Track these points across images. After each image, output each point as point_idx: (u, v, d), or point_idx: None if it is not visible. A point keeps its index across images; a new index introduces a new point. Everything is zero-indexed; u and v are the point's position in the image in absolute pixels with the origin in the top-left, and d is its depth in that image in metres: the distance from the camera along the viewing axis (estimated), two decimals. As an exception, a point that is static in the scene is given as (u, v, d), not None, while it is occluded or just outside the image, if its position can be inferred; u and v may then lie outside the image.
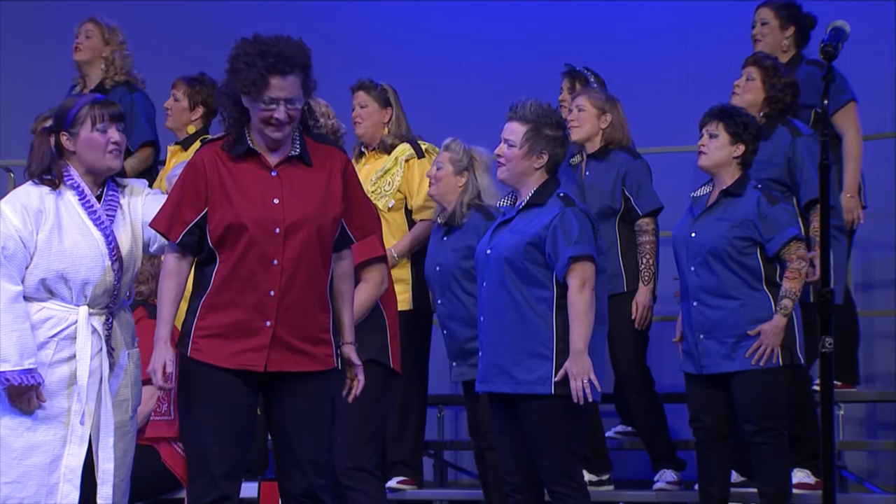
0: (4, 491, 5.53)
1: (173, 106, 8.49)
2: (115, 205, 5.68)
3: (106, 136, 5.64)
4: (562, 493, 6.19)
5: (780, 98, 7.40)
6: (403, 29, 9.91)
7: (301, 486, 5.41)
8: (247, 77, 5.26)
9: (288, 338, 5.31)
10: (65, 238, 5.58)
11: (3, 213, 5.58)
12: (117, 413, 5.65)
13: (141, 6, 10.02)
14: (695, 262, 6.82)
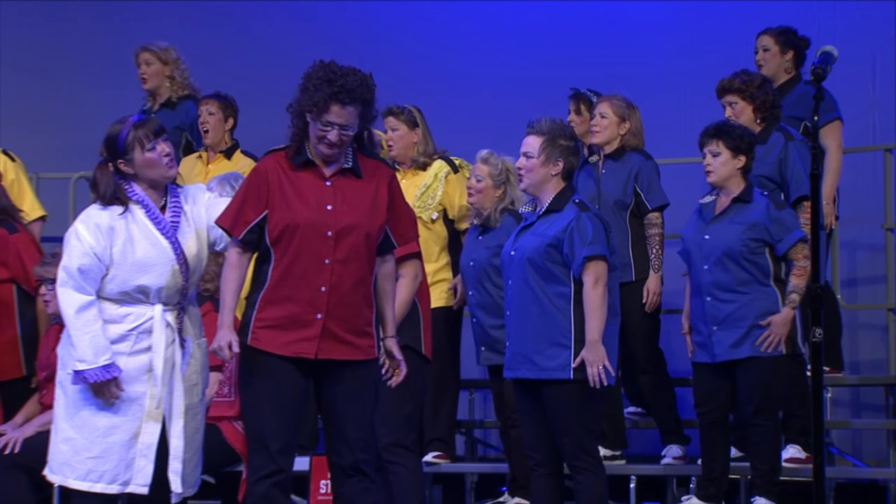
0: (89, 465, 5.55)
1: (210, 120, 8.47)
2: (179, 211, 5.68)
3: (156, 151, 5.62)
4: (580, 466, 6.21)
5: (766, 101, 7.37)
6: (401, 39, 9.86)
7: (348, 460, 5.44)
8: (311, 98, 5.30)
9: (336, 329, 5.35)
10: (137, 249, 5.58)
11: (79, 232, 5.58)
12: (188, 396, 5.66)
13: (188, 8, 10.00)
14: (708, 262, 6.81)
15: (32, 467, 6.33)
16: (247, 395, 5.43)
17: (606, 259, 6.16)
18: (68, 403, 5.62)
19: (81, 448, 5.57)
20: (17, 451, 6.62)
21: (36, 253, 7.18)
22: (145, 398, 5.59)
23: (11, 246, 7.16)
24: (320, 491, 6.72)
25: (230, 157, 8.47)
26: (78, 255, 5.53)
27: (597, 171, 7.72)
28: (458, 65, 9.55)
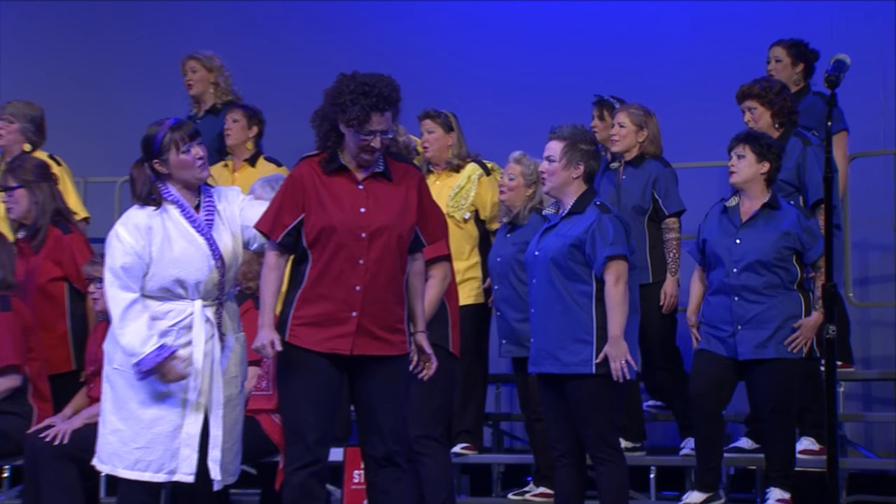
0: (136, 454, 5.58)
1: (234, 126, 8.50)
2: (213, 210, 5.70)
3: (191, 154, 5.65)
4: (602, 457, 6.22)
5: (784, 107, 7.35)
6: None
7: (381, 451, 5.46)
8: (350, 112, 5.30)
9: (370, 326, 5.37)
10: (174, 247, 5.61)
11: (119, 233, 5.61)
12: (227, 388, 5.69)
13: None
14: (739, 266, 6.78)
15: (81, 457, 6.36)
16: (284, 389, 5.46)
17: (627, 258, 6.17)
18: (115, 397, 5.65)
19: (129, 439, 5.60)
20: (66, 442, 6.64)
21: (88, 253, 7.22)
22: (187, 390, 5.61)
23: (65, 246, 7.20)
24: (354, 480, 6.73)
25: (254, 164, 8.50)
26: (120, 254, 5.57)
27: (617, 177, 7.73)
28: (486, 73, 9.54)
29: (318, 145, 5.47)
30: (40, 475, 6.68)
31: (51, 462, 6.65)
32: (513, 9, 9.68)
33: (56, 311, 7.25)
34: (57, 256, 7.21)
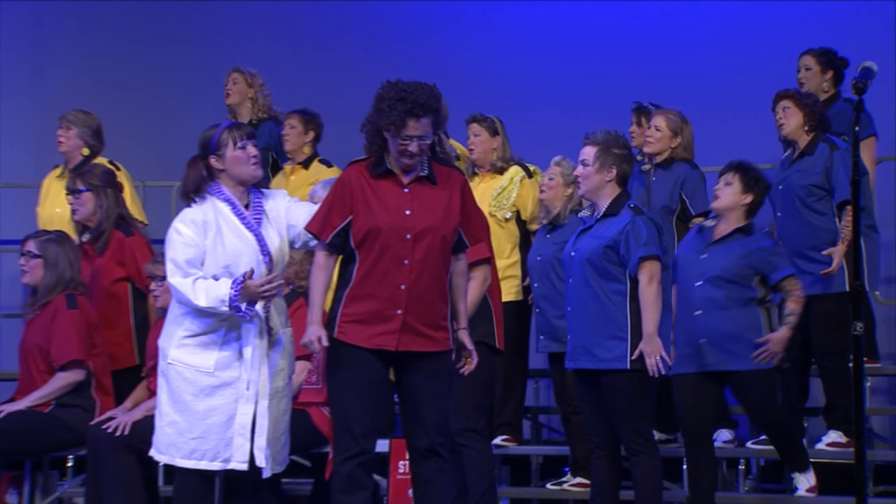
0: (192, 445, 5.62)
1: (291, 133, 8.53)
2: (261, 210, 5.74)
3: (246, 151, 5.70)
4: (636, 449, 6.23)
5: (815, 114, 7.33)
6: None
7: (425, 442, 5.47)
8: (388, 118, 5.33)
9: (414, 323, 5.38)
10: (226, 242, 5.64)
11: (178, 228, 5.67)
12: (275, 380, 5.71)
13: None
14: (701, 279, 6.66)
15: (140, 448, 6.39)
16: (333, 383, 5.48)
17: (660, 259, 6.18)
18: (170, 390, 5.69)
19: (184, 430, 5.63)
20: (127, 434, 6.67)
21: (149, 254, 7.25)
22: (238, 382, 5.64)
23: (127, 247, 7.24)
24: (399, 471, 6.73)
25: (308, 167, 8.52)
26: (181, 246, 5.62)
27: (648, 179, 7.73)
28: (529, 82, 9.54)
29: (366, 150, 5.49)
30: (101, 465, 6.72)
31: (112, 452, 6.68)
32: (555, 24, 9.69)
33: (120, 309, 7.29)
34: (120, 258, 7.25)
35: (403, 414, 5.57)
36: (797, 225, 7.28)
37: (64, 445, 7.10)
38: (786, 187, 7.33)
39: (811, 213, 7.26)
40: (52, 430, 6.94)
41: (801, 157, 7.32)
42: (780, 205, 7.38)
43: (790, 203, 7.31)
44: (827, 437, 7.29)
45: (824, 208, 7.24)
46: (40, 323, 6.98)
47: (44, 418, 6.93)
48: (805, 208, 7.26)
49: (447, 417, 5.59)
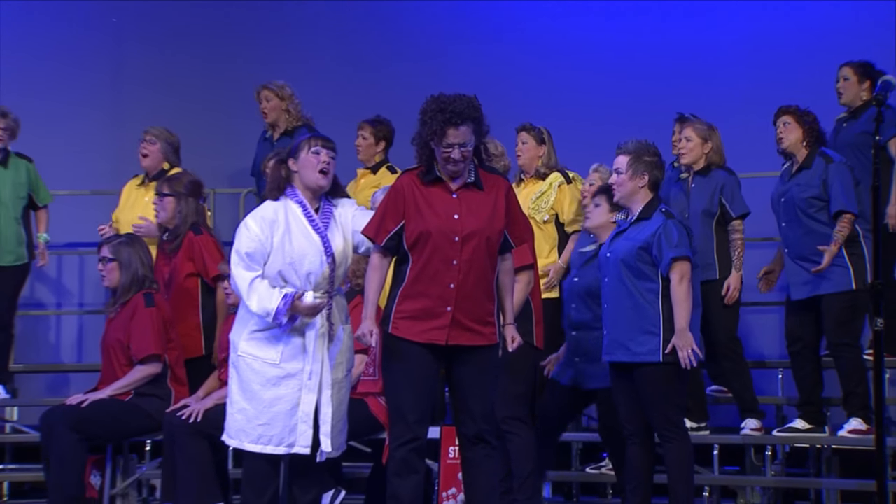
0: (259, 430, 5.65)
1: (363, 143, 8.54)
2: (330, 215, 5.76)
3: (318, 157, 5.72)
4: (669, 436, 6.21)
5: (812, 129, 7.36)
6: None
7: (473, 430, 5.47)
8: (430, 128, 5.35)
9: (463, 319, 5.38)
10: (293, 240, 5.67)
11: (248, 223, 5.72)
12: (335, 372, 5.73)
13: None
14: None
15: (211, 434, 6.42)
16: (388, 375, 5.49)
17: (690, 259, 6.16)
18: (240, 380, 5.72)
19: (253, 417, 5.67)
20: (200, 420, 6.70)
21: (217, 253, 7.28)
22: (301, 373, 5.67)
23: (197, 246, 7.26)
24: (449, 456, 6.73)
25: (376, 172, 8.51)
26: (246, 240, 5.66)
27: (687, 186, 7.71)
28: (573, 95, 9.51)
29: (417, 160, 5.50)
30: (177, 449, 6.75)
31: (186, 438, 6.71)
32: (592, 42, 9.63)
33: (191, 303, 7.32)
34: (190, 254, 7.27)
35: (453, 403, 5.58)
36: (801, 233, 7.32)
37: (142, 431, 7.13)
38: (787, 199, 7.38)
39: (813, 221, 7.28)
40: (132, 417, 6.97)
41: (800, 171, 7.35)
42: (784, 215, 7.41)
43: (793, 213, 7.34)
44: (848, 425, 7.24)
45: (824, 217, 7.26)
46: (120, 320, 7.01)
47: (124, 406, 6.96)
48: (807, 218, 7.29)
49: (493, 407, 5.58)
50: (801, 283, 7.30)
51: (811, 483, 7.86)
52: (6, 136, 8.48)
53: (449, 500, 6.74)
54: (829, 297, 7.22)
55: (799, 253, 7.30)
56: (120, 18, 9.90)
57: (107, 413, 6.91)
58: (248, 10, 9.93)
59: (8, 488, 8.69)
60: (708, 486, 7.68)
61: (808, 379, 7.42)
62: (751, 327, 8.03)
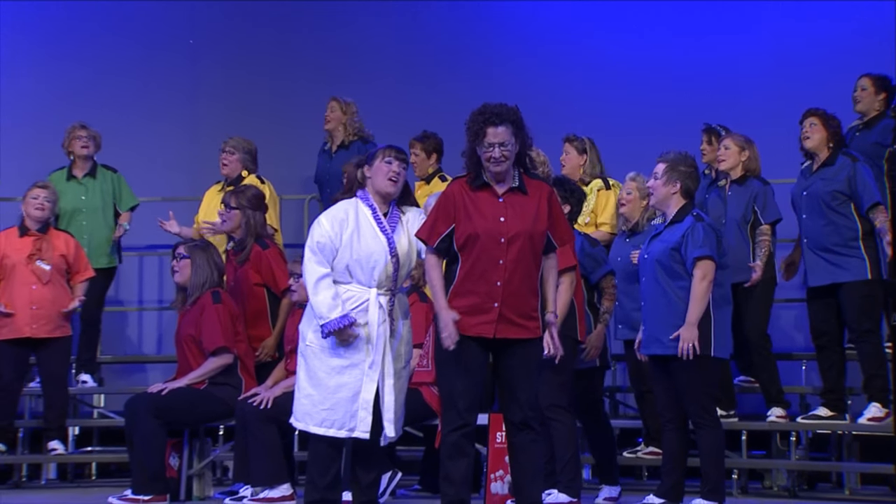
0: (323, 415, 5.65)
1: (416, 160, 8.53)
2: (397, 220, 5.76)
3: (390, 166, 5.72)
4: (702, 423, 6.17)
5: (836, 132, 7.30)
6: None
7: (519, 416, 5.43)
8: (472, 130, 5.36)
9: (509, 314, 5.35)
10: (361, 239, 5.67)
11: (321, 220, 5.74)
12: (395, 363, 5.72)
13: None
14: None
15: (279, 419, 6.44)
16: (441, 366, 5.45)
17: (713, 259, 6.10)
18: (307, 368, 5.72)
19: (318, 402, 5.66)
20: (269, 407, 6.73)
21: (282, 263, 7.27)
22: (363, 363, 5.66)
23: (265, 260, 7.25)
24: (497, 441, 6.70)
25: (429, 182, 8.52)
26: (318, 235, 5.68)
27: (724, 193, 7.66)
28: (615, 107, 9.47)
29: (465, 168, 5.50)
30: (248, 433, 6.78)
31: (256, 423, 6.74)
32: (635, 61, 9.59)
33: (261, 312, 7.30)
34: (258, 267, 7.26)
35: (500, 392, 5.54)
36: (822, 225, 7.25)
37: (216, 417, 7.17)
38: (810, 193, 7.31)
39: (834, 214, 7.22)
40: (207, 404, 7.02)
41: (823, 167, 7.29)
42: (806, 208, 7.35)
43: (816, 206, 7.28)
44: (868, 412, 7.17)
45: (845, 210, 7.21)
46: (191, 316, 7.05)
47: (200, 394, 7.01)
48: (830, 210, 7.22)
49: (537, 395, 5.55)
50: (820, 271, 7.25)
51: (832, 466, 7.81)
52: (91, 146, 8.59)
53: (497, 482, 6.71)
54: (847, 287, 7.16)
55: (819, 243, 7.24)
56: (196, 41, 9.97)
57: (184, 400, 6.95)
58: (314, 34, 9.96)
59: (96, 468, 8.76)
60: (737, 469, 7.62)
61: (832, 370, 7.35)
62: (777, 323, 7.95)
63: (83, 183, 8.60)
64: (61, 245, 7.97)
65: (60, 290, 7.94)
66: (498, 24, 9.87)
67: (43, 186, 8.01)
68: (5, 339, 7.85)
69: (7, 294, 7.84)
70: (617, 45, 9.67)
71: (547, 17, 9.83)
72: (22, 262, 7.85)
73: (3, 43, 9.75)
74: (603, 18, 9.72)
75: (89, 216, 8.54)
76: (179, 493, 7.10)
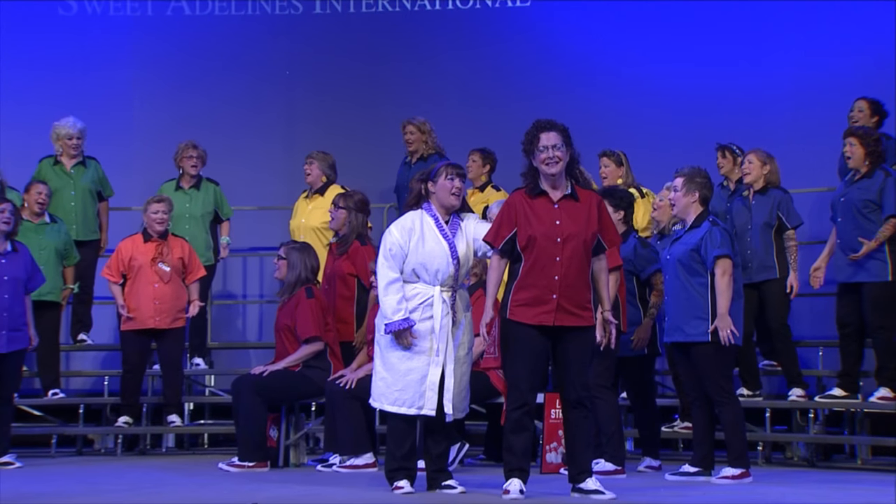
0: (396, 395, 5.58)
1: (472, 166, 8.46)
2: (457, 226, 5.67)
3: (453, 183, 5.63)
4: (721, 401, 6.13)
5: (875, 150, 7.11)
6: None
7: (573, 395, 5.36)
8: (527, 140, 5.35)
9: (566, 305, 5.28)
10: (426, 245, 5.59)
11: (391, 230, 5.66)
12: (458, 351, 5.62)
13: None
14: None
15: (362, 398, 6.37)
16: (506, 351, 5.40)
17: (731, 257, 6.06)
18: (382, 355, 5.66)
19: (391, 384, 5.59)
20: (353, 388, 6.68)
21: None
22: (430, 351, 5.58)
23: (361, 255, 7.24)
24: (551, 417, 6.66)
25: (483, 190, 8.44)
26: (389, 244, 5.61)
27: (748, 202, 7.49)
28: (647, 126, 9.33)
29: (525, 180, 5.44)
30: (335, 410, 6.77)
31: (342, 401, 6.72)
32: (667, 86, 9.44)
33: (349, 298, 7.29)
34: (353, 260, 7.27)
35: (555, 374, 5.47)
36: (853, 228, 7.09)
37: (309, 395, 7.16)
38: (847, 200, 7.14)
39: (864, 220, 7.06)
40: (301, 384, 7.00)
41: (861, 179, 7.12)
42: (841, 213, 7.18)
43: (849, 212, 7.12)
44: (878, 393, 7.07)
45: (874, 217, 7.05)
46: (287, 308, 7.05)
47: (295, 376, 7.00)
48: (861, 216, 7.07)
49: (588, 377, 5.44)
50: (847, 269, 7.10)
51: (846, 439, 7.71)
52: (199, 164, 8.67)
53: (551, 452, 6.69)
54: (868, 285, 7.02)
55: (849, 244, 7.08)
56: (291, 72, 9.97)
57: (282, 381, 6.95)
58: (390, 65, 9.92)
59: (207, 439, 8.77)
60: (762, 441, 7.47)
61: (851, 356, 7.24)
62: (797, 313, 7.78)
63: (188, 193, 8.65)
64: (178, 249, 8.03)
65: (178, 288, 8.00)
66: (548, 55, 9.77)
67: (160, 200, 8.04)
68: (132, 330, 7.91)
69: (134, 291, 7.91)
70: (652, 73, 9.53)
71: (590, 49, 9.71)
72: (146, 265, 7.92)
73: (131, 76, 9.82)
74: (641, 50, 9.59)
75: (192, 221, 8.59)
76: (278, 460, 7.09)
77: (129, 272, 7.92)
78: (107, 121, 9.43)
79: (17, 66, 9.69)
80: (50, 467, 7.23)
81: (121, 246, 7.99)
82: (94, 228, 8.59)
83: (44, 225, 8.08)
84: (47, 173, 8.46)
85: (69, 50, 9.77)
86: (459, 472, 6.09)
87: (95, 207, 8.60)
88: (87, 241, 8.50)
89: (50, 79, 9.66)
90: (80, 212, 8.47)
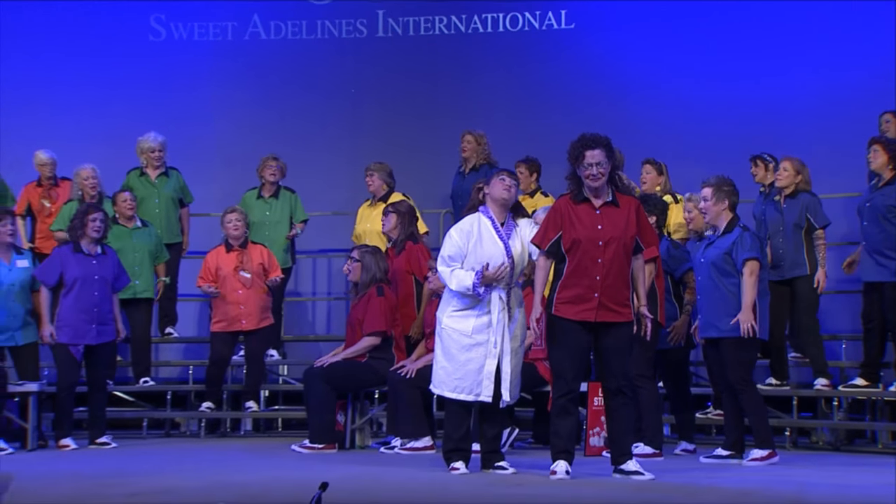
0: (455, 383, 5.62)
1: (521, 177, 8.35)
2: (512, 229, 5.67)
3: (504, 181, 5.65)
4: (741, 389, 6.15)
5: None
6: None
7: (613, 385, 5.37)
8: (572, 154, 5.34)
9: (607, 302, 5.30)
10: (483, 246, 5.61)
11: (451, 234, 5.69)
12: (512, 343, 5.64)
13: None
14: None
15: (422, 386, 6.42)
16: (552, 344, 5.43)
17: (759, 260, 6.07)
18: (442, 345, 5.69)
19: (451, 372, 5.63)
20: (413, 377, 6.72)
21: (427, 256, 7.30)
22: (487, 343, 5.60)
23: (413, 252, 7.29)
24: (594, 404, 6.64)
25: (533, 196, 8.41)
26: (449, 246, 5.64)
27: (779, 205, 7.41)
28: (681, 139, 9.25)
29: (569, 187, 5.46)
30: (397, 397, 6.82)
31: (404, 388, 6.76)
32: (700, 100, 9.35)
33: (408, 294, 7.33)
34: (408, 258, 7.31)
35: (597, 365, 5.47)
36: (878, 231, 7.01)
37: (373, 384, 7.21)
38: (872, 205, 7.06)
39: (888, 224, 6.98)
40: (366, 374, 7.06)
41: (886, 185, 7.03)
42: (867, 216, 7.09)
43: (874, 216, 7.03)
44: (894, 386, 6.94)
45: None
46: (360, 305, 7.10)
47: (361, 366, 7.05)
48: (884, 220, 6.99)
49: (628, 367, 5.45)
50: (870, 269, 7.02)
51: (867, 425, 7.62)
52: (278, 174, 8.72)
53: (594, 437, 6.67)
54: (888, 285, 6.95)
55: (873, 246, 7.00)
56: (357, 90, 10.04)
57: (349, 371, 7.00)
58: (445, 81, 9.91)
59: (281, 423, 8.87)
60: (789, 427, 7.40)
61: (874, 349, 7.18)
62: (823, 309, 7.68)
63: (268, 202, 8.71)
64: (258, 255, 8.07)
65: (260, 291, 8.02)
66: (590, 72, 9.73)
67: (232, 210, 8.11)
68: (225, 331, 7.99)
69: (221, 297, 7.97)
70: (685, 88, 9.46)
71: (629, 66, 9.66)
72: (230, 273, 7.97)
73: (210, 94, 9.95)
74: (677, 64, 9.52)
75: (271, 227, 8.64)
76: (345, 442, 7.14)
77: (216, 280, 7.98)
78: (189, 134, 9.58)
79: (108, 87, 9.88)
80: (141, 447, 7.38)
81: (207, 257, 8.08)
82: (176, 232, 8.73)
83: (137, 229, 8.25)
84: (134, 183, 8.63)
85: (156, 71, 9.93)
86: (510, 455, 6.12)
87: (177, 213, 8.74)
88: (171, 243, 8.64)
89: (139, 97, 9.83)
90: (163, 217, 8.60)
